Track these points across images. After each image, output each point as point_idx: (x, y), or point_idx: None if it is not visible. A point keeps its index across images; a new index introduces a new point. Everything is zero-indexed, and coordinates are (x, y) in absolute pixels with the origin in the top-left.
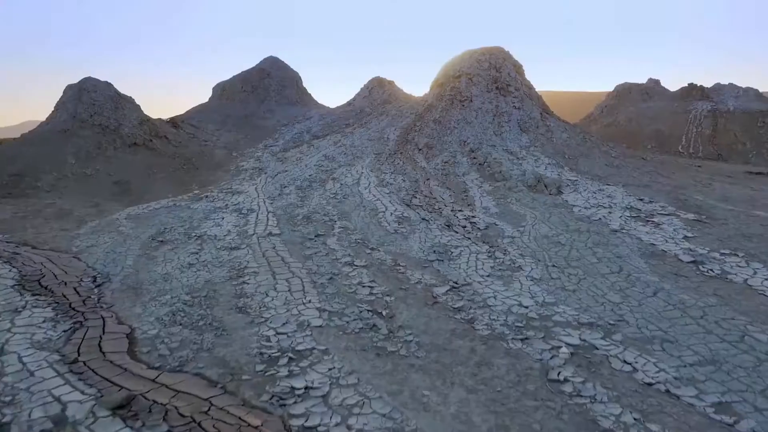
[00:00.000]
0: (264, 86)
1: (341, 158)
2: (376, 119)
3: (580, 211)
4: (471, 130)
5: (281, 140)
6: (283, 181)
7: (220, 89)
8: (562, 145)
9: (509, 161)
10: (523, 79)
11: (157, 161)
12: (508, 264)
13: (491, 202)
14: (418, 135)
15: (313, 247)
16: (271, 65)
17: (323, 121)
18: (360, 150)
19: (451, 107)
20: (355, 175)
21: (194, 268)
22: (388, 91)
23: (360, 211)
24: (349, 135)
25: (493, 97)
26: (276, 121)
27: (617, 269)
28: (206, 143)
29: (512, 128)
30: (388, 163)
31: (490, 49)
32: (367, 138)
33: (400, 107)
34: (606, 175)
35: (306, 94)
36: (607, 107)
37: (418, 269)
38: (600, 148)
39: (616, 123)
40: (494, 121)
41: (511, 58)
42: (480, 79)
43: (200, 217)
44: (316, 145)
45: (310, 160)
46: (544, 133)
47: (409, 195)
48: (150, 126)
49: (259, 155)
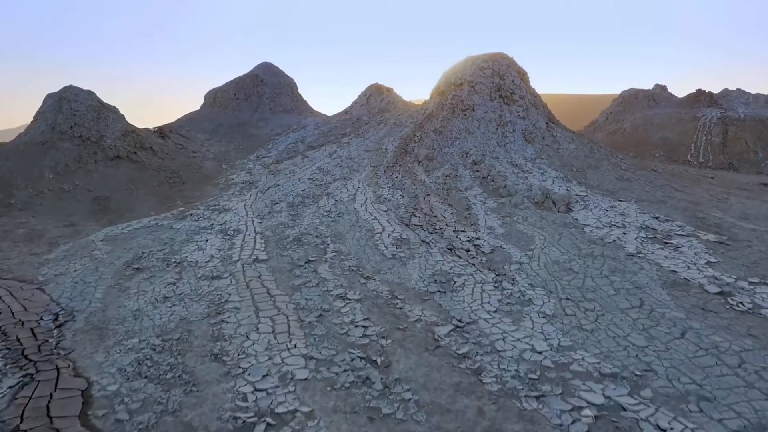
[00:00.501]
0: (257, 93)
1: (337, 171)
2: (374, 129)
3: (593, 232)
4: (473, 141)
5: (274, 151)
6: (274, 196)
7: (212, 96)
8: (570, 157)
9: (514, 175)
10: (528, 86)
11: (140, 175)
12: (517, 296)
13: (496, 221)
14: (417, 146)
15: (303, 275)
16: (265, 71)
17: (319, 131)
18: (356, 162)
19: (452, 116)
20: (350, 190)
21: (169, 303)
22: (386, 99)
23: (355, 231)
24: (346, 145)
25: (497, 105)
26: (270, 130)
27: (638, 303)
28: (195, 154)
29: (517, 139)
30: (386, 176)
31: (493, 55)
32: (365, 149)
33: (399, 116)
34: (617, 190)
35: (301, 101)
36: (612, 114)
37: (417, 303)
38: (609, 159)
39: (621, 130)
40: (498, 131)
41: (515, 65)
42: (482, 87)
43: (182, 239)
44: (311, 156)
45: (304, 174)
46: (551, 144)
47: (408, 213)
48: (134, 137)
49: (251, 167)
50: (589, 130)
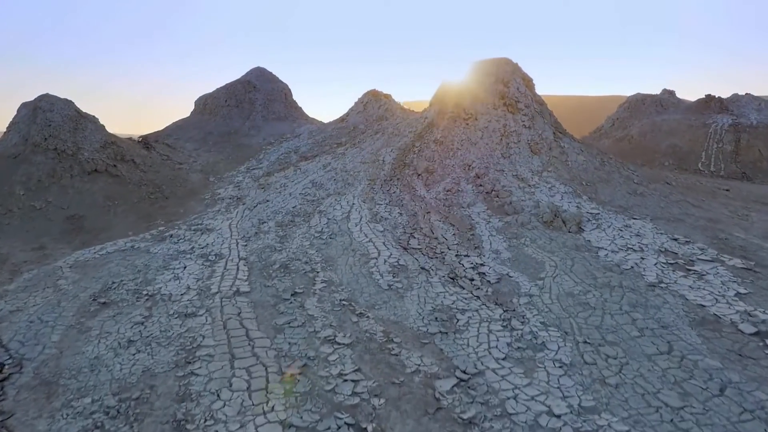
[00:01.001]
0: (250, 100)
1: (330, 185)
2: (371, 138)
3: (608, 256)
4: (476, 152)
5: (265, 162)
6: (262, 214)
7: (202, 103)
8: (579, 170)
9: (520, 189)
10: (534, 94)
11: (119, 191)
12: (529, 339)
13: (502, 243)
14: (416, 158)
15: (288, 311)
16: (258, 77)
17: (313, 140)
18: (352, 175)
19: (453, 126)
20: (345, 206)
21: (134, 348)
22: (384, 106)
23: (348, 256)
24: (341, 156)
25: (501, 114)
26: (262, 139)
27: (666, 348)
28: (181, 166)
29: (522, 150)
30: (382, 191)
31: (497, 61)
32: (360, 160)
33: (397, 125)
34: (630, 206)
35: (295, 108)
36: (619, 120)
37: (416, 348)
38: (620, 171)
39: (628, 137)
40: (502, 141)
41: (520, 71)
42: (485, 94)
43: (158, 265)
44: (304, 168)
45: (296, 188)
46: (558, 156)
47: (406, 234)
48: (114, 149)
49: (240, 180)
50: (595, 137)
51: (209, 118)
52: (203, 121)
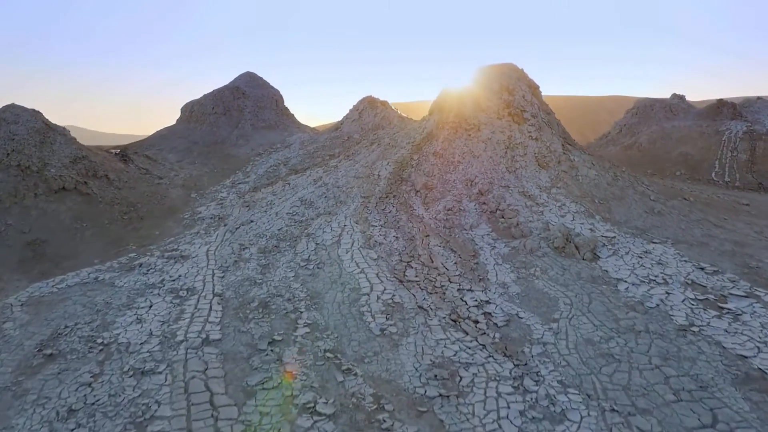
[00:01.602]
0: (238, 107)
1: (321, 203)
2: (366, 149)
3: (628, 291)
4: (479, 166)
5: (253, 175)
6: (244, 238)
7: (188, 110)
8: (590, 186)
9: (527, 209)
10: (541, 102)
11: (89, 211)
12: (545, 405)
13: (509, 274)
14: (415, 172)
15: (263, 367)
16: (248, 83)
17: (305, 150)
18: (344, 191)
19: (454, 137)
20: (335, 228)
21: (74, 421)
22: (380, 114)
23: (337, 291)
24: (333, 170)
25: (506, 125)
26: (250, 149)
27: (710, 419)
28: (161, 181)
29: (529, 163)
30: (377, 210)
31: (501, 67)
32: (354, 174)
33: (394, 135)
34: (648, 227)
35: (287, 115)
36: (627, 126)
37: (411, 418)
38: (635, 187)
39: (637, 145)
40: (507, 154)
41: (526, 78)
42: (489, 103)
43: (121, 303)
44: (293, 183)
45: (283, 206)
46: (568, 170)
47: (402, 262)
48: (86, 164)
49: (223, 197)
50: (602, 144)
51: (195, 127)
52: (189, 130)
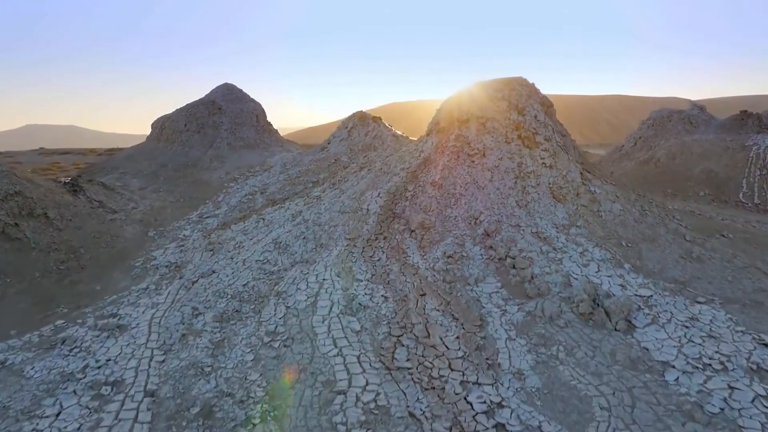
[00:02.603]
0: (213, 124)
1: (298, 246)
2: (354, 176)
3: (679, 383)
4: (484, 200)
5: (224, 206)
6: (200, 297)
7: (159, 127)
8: (615, 223)
9: (543, 255)
10: (555, 123)
11: (17, 261)
12: None
13: (526, 355)
14: (409, 206)
15: None
16: (225, 96)
17: (286, 175)
18: (327, 231)
19: (456, 164)
20: (312, 284)
21: None
22: (372, 133)
23: (305, 386)
24: (316, 202)
25: (515, 150)
26: (225, 173)
27: None
28: (115, 216)
29: (542, 196)
30: (364, 257)
31: (509, 81)
32: (339, 208)
33: (387, 159)
34: (688, 279)
35: (269, 132)
36: (642, 139)
37: None
38: (666, 223)
39: (654, 160)
40: (517, 185)
41: (538, 94)
42: (496, 124)
43: (22, 407)
44: (269, 218)
45: (253, 250)
46: (588, 205)
47: (392, 337)
48: (20, 201)
49: (186, 235)
50: (615, 158)
51: (165, 147)
52: (158, 150)
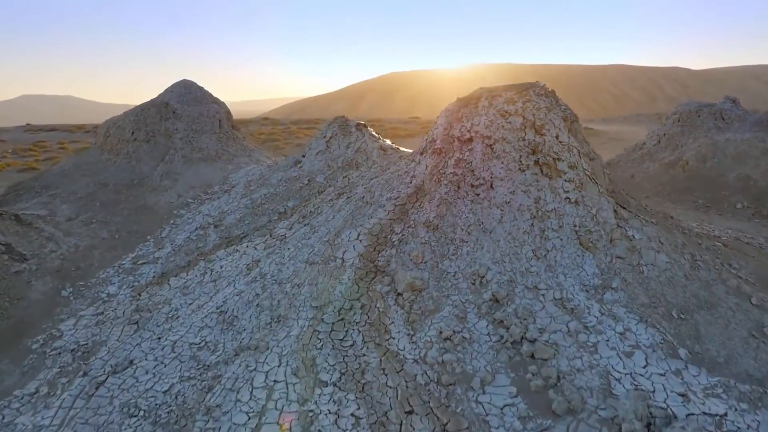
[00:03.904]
0: (166, 132)
1: (248, 319)
2: (330, 206)
3: None
4: (492, 248)
5: (167, 245)
6: (100, 419)
7: (104, 133)
8: (661, 282)
9: (571, 339)
10: (581, 143)
11: None
12: None
13: None
14: (396, 257)
15: None
16: (181, 96)
17: (248, 199)
18: (288, 293)
19: (456, 198)
20: (257, 395)
21: None
22: (355, 144)
23: None
24: (279, 245)
25: (531, 180)
26: (176, 195)
27: None
28: (23, 265)
29: (566, 243)
30: (333, 340)
31: (523, 90)
32: (307, 257)
33: (371, 182)
34: (766, 375)
35: (234, 139)
36: (666, 136)
37: None
38: (723, 276)
39: (682, 163)
40: (534, 228)
41: (560, 106)
42: (507, 146)
43: None
44: (218, 268)
45: (189, 324)
46: (625, 255)
47: None
48: None
49: (111, 293)
50: (635, 158)
51: (109, 159)
52: (101, 163)
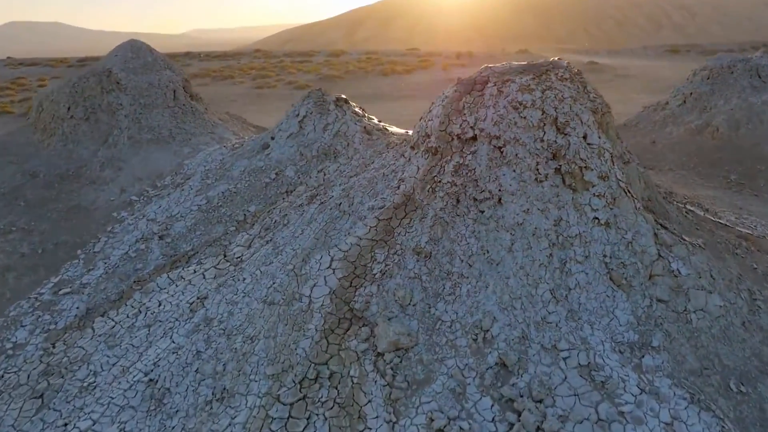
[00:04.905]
0: (109, 107)
1: (182, 398)
2: (299, 215)
3: None
4: (500, 289)
5: (100, 266)
6: None
7: (36, 108)
8: (714, 336)
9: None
10: (614, 142)
11: None
12: None
13: None
14: (377, 297)
15: None
16: (126, 62)
17: (204, 197)
18: (239, 354)
19: (454, 216)
20: None
21: None
22: (333, 127)
23: None
24: (232, 273)
25: (551, 194)
26: (119, 190)
27: None
28: None
29: (593, 279)
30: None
31: (540, 71)
32: (266, 295)
33: (351, 181)
34: None
35: (192, 113)
36: (693, 96)
37: None
38: None
39: (711, 129)
40: (553, 259)
41: (588, 94)
42: (520, 149)
43: None
44: (154, 306)
45: (105, 401)
46: (669, 297)
47: None
48: None
49: (18, 342)
50: (656, 121)
51: (42, 141)
52: (32, 146)
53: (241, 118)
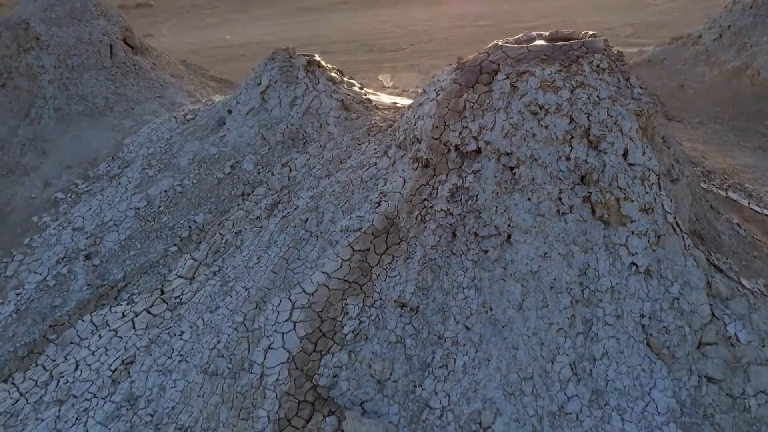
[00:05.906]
0: (29, 71)
1: None
2: (256, 234)
3: None
4: (505, 363)
5: (11, 298)
6: None
7: None
8: None
9: None
10: (662, 156)
11: None
12: None
13: None
14: (349, 371)
15: None
16: (47, 11)
17: (143, 197)
18: None
19: (449, 256)
20: None
21: None
22: (304, 101)
23: None
24: (168, 321)
25: (576, 231)
26: (42, 183)
27: None
28: None
29: (626, 347)
30: None
31: (570, 58)
32: (206, 362)
33: (321, 186)
34: None
35: (136, 71)
36: (732, 30)
37: None
38: None
39: (751, 73)
40: (575, 322)
41: (631, 89)
42: (539, 170)
43: None
44: (68, 373)
45: None
46: (724, 377)
47: None
48: None
49: None
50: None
51: None
52: None
53: (200, 69)
